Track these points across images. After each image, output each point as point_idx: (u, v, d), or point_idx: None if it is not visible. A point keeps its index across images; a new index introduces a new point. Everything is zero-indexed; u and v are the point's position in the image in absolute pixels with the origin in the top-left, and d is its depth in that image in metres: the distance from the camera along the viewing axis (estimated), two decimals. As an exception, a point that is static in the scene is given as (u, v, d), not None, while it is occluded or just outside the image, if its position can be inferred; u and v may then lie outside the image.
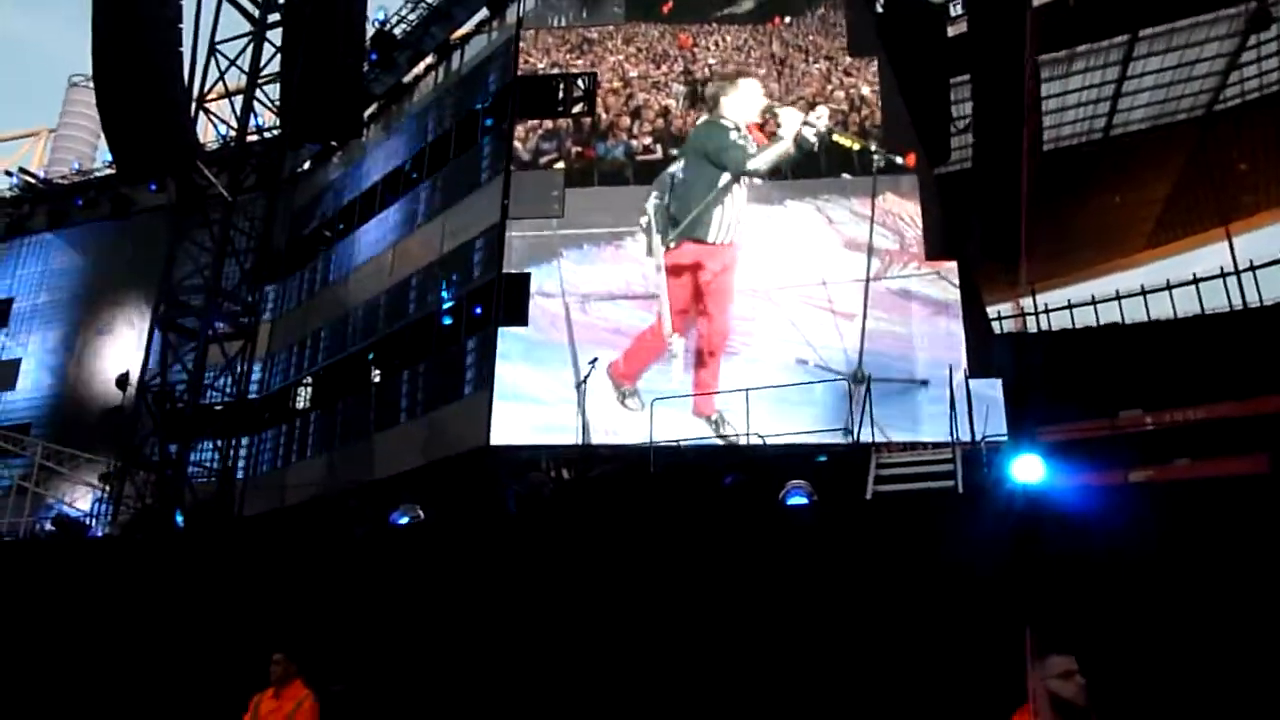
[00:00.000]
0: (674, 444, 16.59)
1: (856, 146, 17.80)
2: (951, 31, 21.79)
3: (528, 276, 18.53)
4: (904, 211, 17.67)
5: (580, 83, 20.35)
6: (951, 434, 12.05)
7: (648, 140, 19.28)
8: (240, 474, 21.23)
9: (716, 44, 19.90)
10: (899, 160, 17.64)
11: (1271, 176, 29.67)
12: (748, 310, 17.64)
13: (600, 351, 16.94)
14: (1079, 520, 8.52)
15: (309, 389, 24.23)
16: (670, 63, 19.91)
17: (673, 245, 17.62)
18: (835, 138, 17.80)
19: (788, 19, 19.65)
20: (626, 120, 19.45)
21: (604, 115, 19.57)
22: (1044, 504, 8.99)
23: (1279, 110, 26.82)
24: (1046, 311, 31.56)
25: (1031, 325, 31.61)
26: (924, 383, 16.47)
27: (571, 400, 16.77)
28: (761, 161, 17.70)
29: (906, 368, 16.63)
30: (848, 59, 19.15)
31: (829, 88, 18.92)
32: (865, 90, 18.72)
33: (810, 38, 19.53)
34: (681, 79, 19.64)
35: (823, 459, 14.71)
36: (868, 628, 8.68)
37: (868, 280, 17.17)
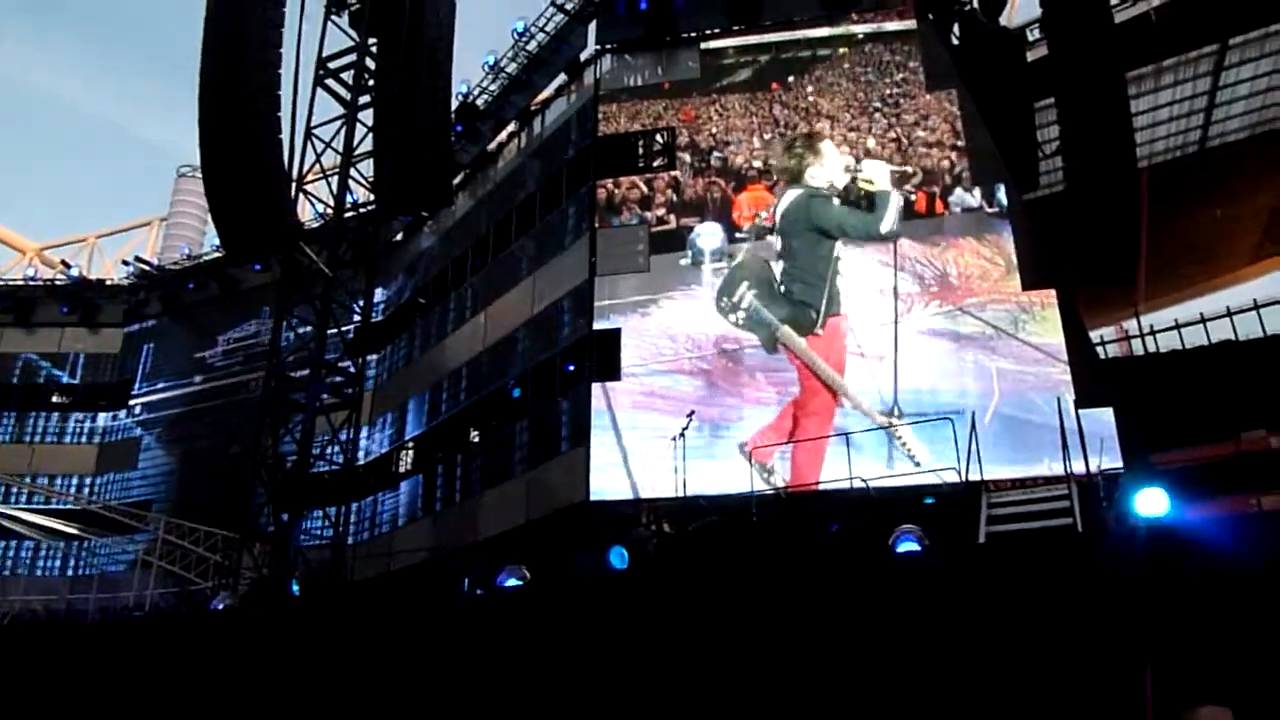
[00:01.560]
0: (774, 491, 16.44)
1: (874, 187, 17.70)
2: (1031, 56, 21.49)
3: (618, 332, 18.72)
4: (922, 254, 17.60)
5: (659, 138, 20.66)
6: (1065, 468, 11.62)
7: (660, 211, 19.54)
8: (350, 539, 21.77)
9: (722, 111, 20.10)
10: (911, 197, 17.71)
11: (1385, 177, 28.18)
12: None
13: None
14: (1213, 554, 8.09)
15: (412, 454, 24.82)
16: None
17: (820, 330, 17.60)
18: (859, 180, 17.79)
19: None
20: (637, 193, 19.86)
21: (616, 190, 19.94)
22: (1172, 539, 8.57)
23: (1388, 108, 25.56)
24: (1153, 333, 30.30)
25: (1138, 348, 30.40)
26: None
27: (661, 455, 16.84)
28: (889, 222, 17.70)
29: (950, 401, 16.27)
30: (920, 96, 19.10)
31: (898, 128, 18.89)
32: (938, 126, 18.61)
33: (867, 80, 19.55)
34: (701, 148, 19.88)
35: (930, 500, 14.34)
36: (993, 678, 8.37)
37: (896, 321, 17.11)
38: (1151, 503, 9.04)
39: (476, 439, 22.20)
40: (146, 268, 37.13)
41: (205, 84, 19.45)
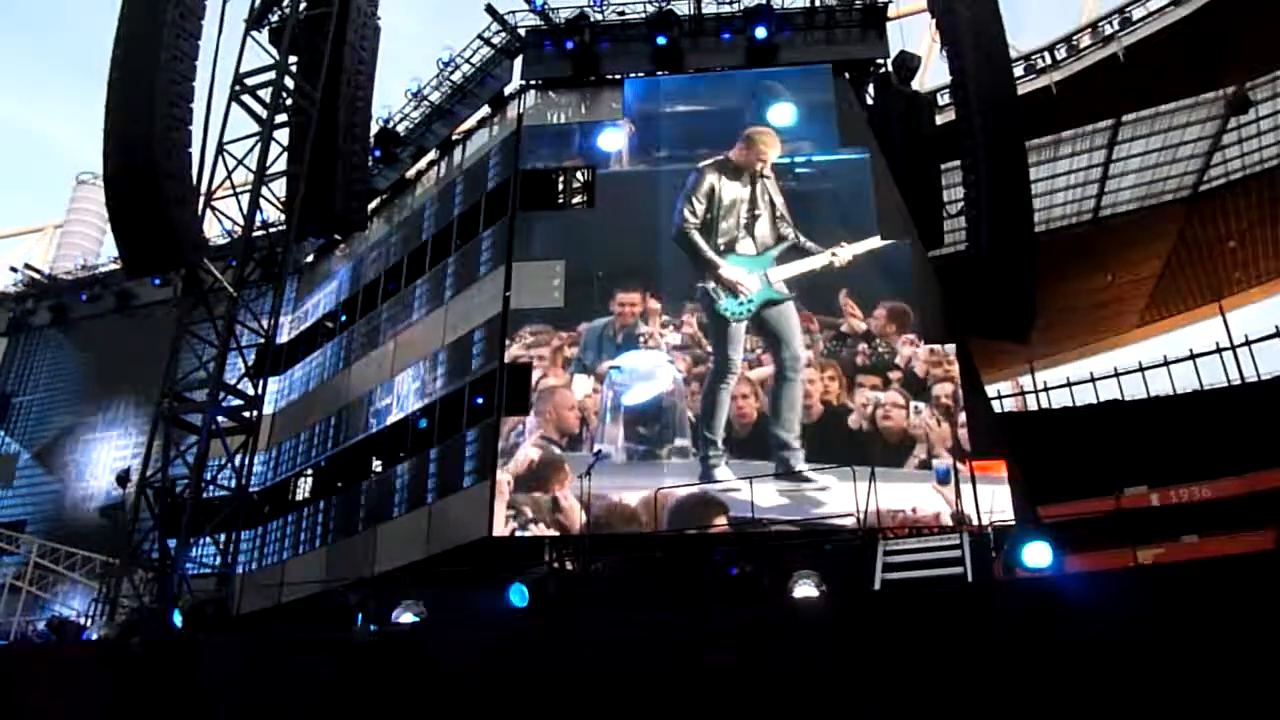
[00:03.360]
0: (679, 531, 16.53)
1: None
2: (940, 119, 22.40)
3: (529, 366, 18.65)
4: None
5: (580, 175, 20.81)
6: (957, 519, 11.99)
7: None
8: (240, 569, 20.98)
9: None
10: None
11: (1260, 253, 30.16)
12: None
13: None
14: (1089, 607, 8.43)
15: (310, 481, 24.14)
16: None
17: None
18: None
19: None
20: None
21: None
22: (1054, 591, 8.91)
23: (1263, 189, 27.41)
24: (1046, 390, 31.67)
25: (1031, 404, 31.68)
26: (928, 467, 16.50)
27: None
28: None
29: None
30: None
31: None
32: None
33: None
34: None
35: (829, 547, 14.59)
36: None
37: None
38: (1035, 554, 9.39)
39: (379, 469, 21.74)
40: (37, 275, 35.55)
41: (114, 90, 18.81)
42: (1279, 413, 20.91)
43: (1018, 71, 22.35)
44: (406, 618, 12.21)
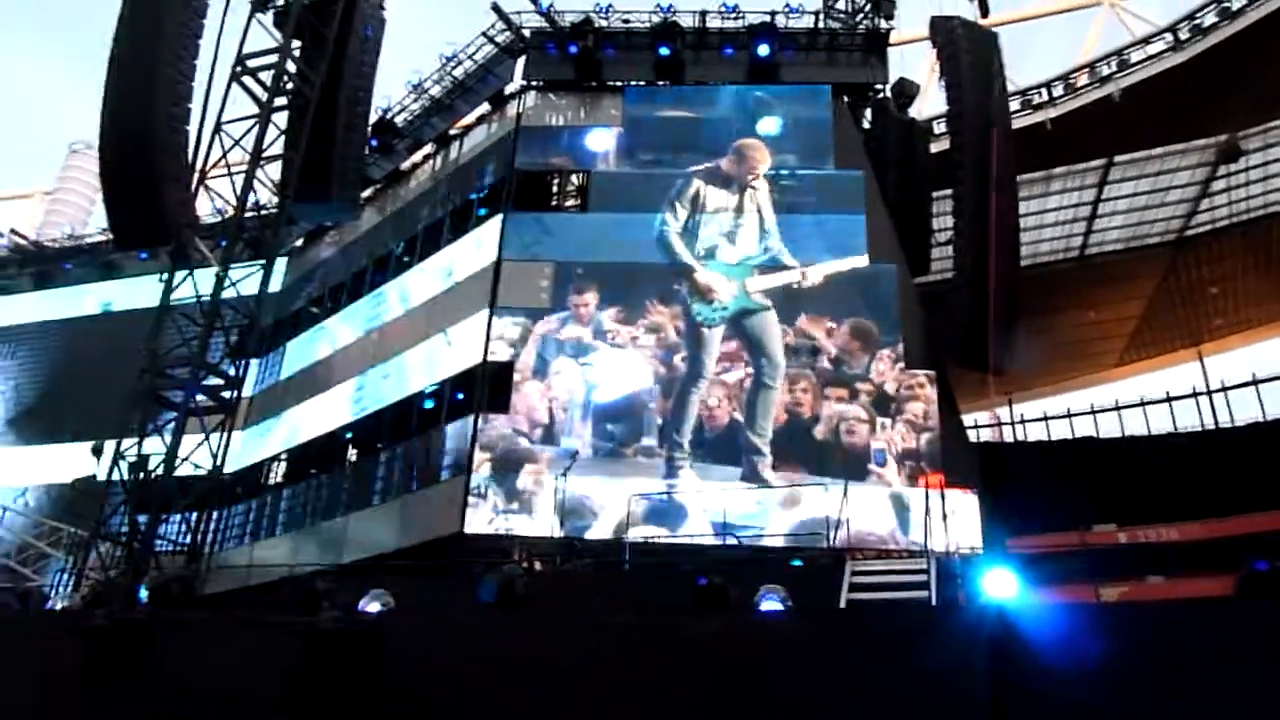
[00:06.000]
0: (648, 541, 16.61)
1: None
2: (935, 148, 22.64)
3: (511, 365, 18.71)
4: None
5: (575, 179, 20.90)
6: (925, 544, 12.12)
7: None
8: (209, 550, 20.85)
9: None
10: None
11: (1242, 301, 30.55)
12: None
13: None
14: (1050, 640, 8.56)
15: (284, 465, 24.04)
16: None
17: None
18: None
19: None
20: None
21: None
22: (1016, 620, 9.02)
23: (1248, 238, 27.80)
24: (1023, 422, 31.90)
25: (1008, 435, 31.90)
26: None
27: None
28: None
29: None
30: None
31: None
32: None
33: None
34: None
35: (798, 563, 14.71)
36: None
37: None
38: (1000, 584, 9.51)
39: (354, 458, 21.70)
40: (23, 241, 35.27)
41: (116, 63, 18.75)
42: (1249, 460, 21.13)
43: (1014, 106, 22.66)
44: (374, 607, 12.22)
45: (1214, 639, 8.35)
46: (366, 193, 25.44)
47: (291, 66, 20.53)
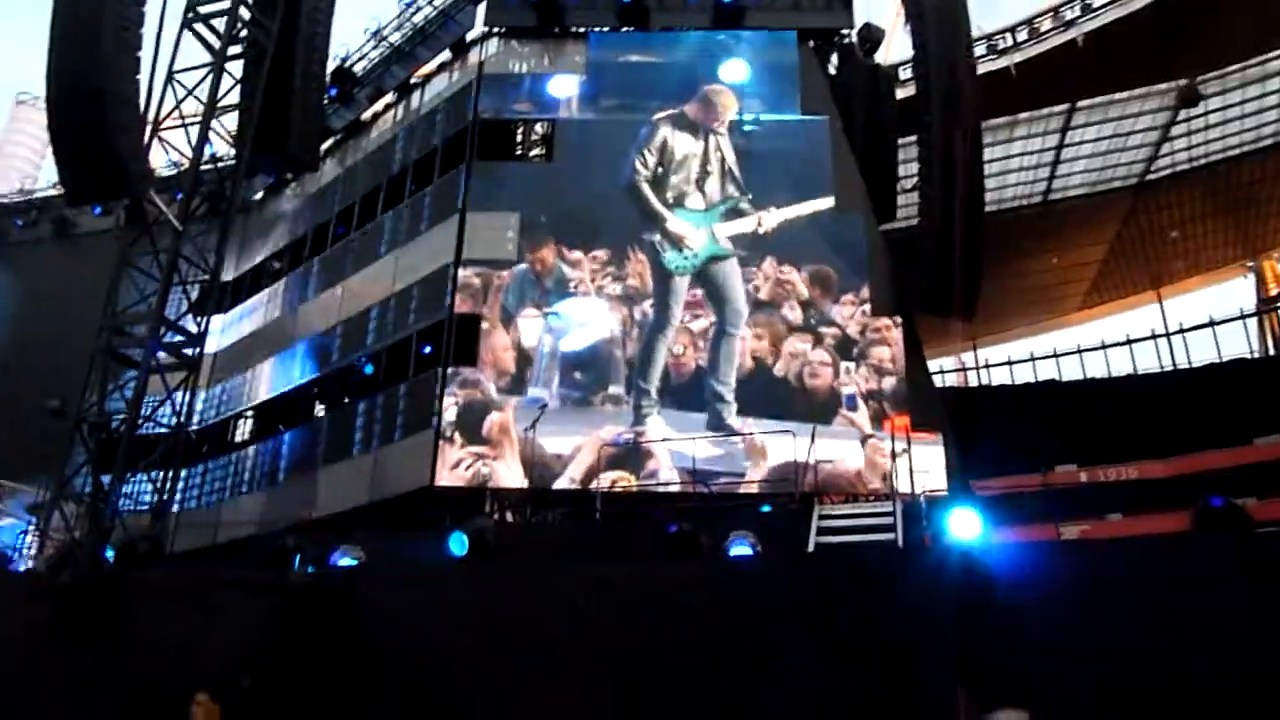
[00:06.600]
0: (621, 489, 16.71)
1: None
2: (900, 94, 22.54)
3: (478, 318, 18.58)
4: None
5: (539, 128, 20.61)
6: (892, 487, 12.29)
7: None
8: (176, 508, 20.69)
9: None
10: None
11: (1200, 244, 31.01)
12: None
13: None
14: (1013, 577, 8.75)
15: (250, 422, 23.82)
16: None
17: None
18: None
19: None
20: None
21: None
22: (980, 559, 9.22)
23: (1207, 182, 28.12)
24: (988, 367, 32.38)
25: (973, 380, 32.34)
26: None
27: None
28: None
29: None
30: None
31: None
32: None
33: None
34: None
35: (767, 509, 14.88)
36: (806, 678, 8.79)
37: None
38: (965, 525, 9.70)
39: (322, 412, 21.54)
40: (-30, 199, 34.28)
41: (60, 7, 18.09)
42: (1206, 399, 21.62)
43: (979, 51, 22.59)
44: (345, 562, 12.23)
45: (1172, 572, 8.59)
46: (327, 143, 24.92)
47: (245, 14, 19.95)
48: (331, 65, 23.43)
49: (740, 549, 10.86)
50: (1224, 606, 8.20)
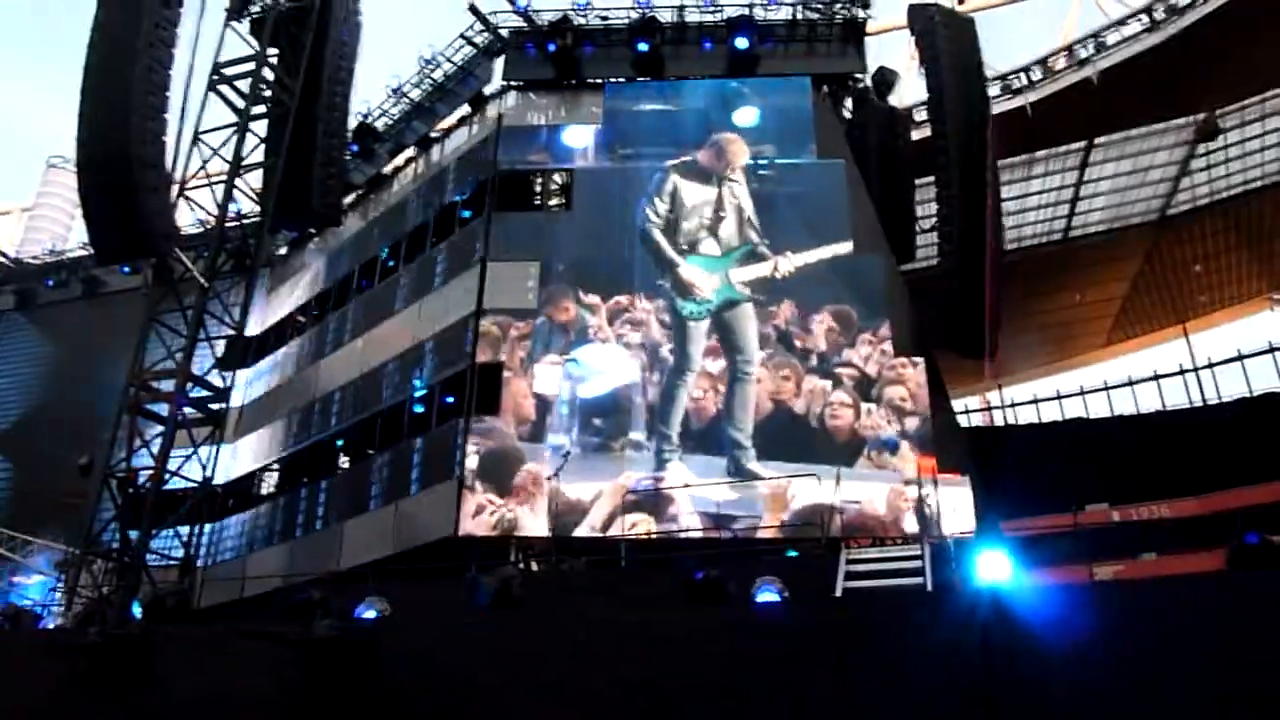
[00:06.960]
0: (645, 536, 16.59)
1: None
2: (916, 135, 22.67)
3: (500, 366, 18.66)
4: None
5: (557, 178, 20.85)
6: (920, 530, 12.13)
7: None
8: (201, 563, 20.75)
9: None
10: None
11: (1224, 278, 30.73)
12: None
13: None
14: (1044, 620, 8.58)
15: (276, 475, 23.93)
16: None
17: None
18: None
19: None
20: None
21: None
22: (1010, 602, 9.05)
23: (1229, 215, 27.96)
24: (1013, 405, 31.99)
25: (999, 419, 31.99)
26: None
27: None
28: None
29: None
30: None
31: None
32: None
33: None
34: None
35: (793, 554, 14.72)
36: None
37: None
38: (994, 567, 9.53)
39: (346, 465, 21.60)
40: (2, 259, 35.01)
41: (90, 74, 18.55)
42: (1238, 434, 21.26)
43: (994, 91, 22.73)
44: (370, 614, 12.16)
45: (1207, 612, 8.39)
46: (349, 198, 25.32)
47: (269, 74, 20.43)
48: (353, 122, 23.92)
49: (767, 595, 10.70)
50: (1261, 645, 7.98)
